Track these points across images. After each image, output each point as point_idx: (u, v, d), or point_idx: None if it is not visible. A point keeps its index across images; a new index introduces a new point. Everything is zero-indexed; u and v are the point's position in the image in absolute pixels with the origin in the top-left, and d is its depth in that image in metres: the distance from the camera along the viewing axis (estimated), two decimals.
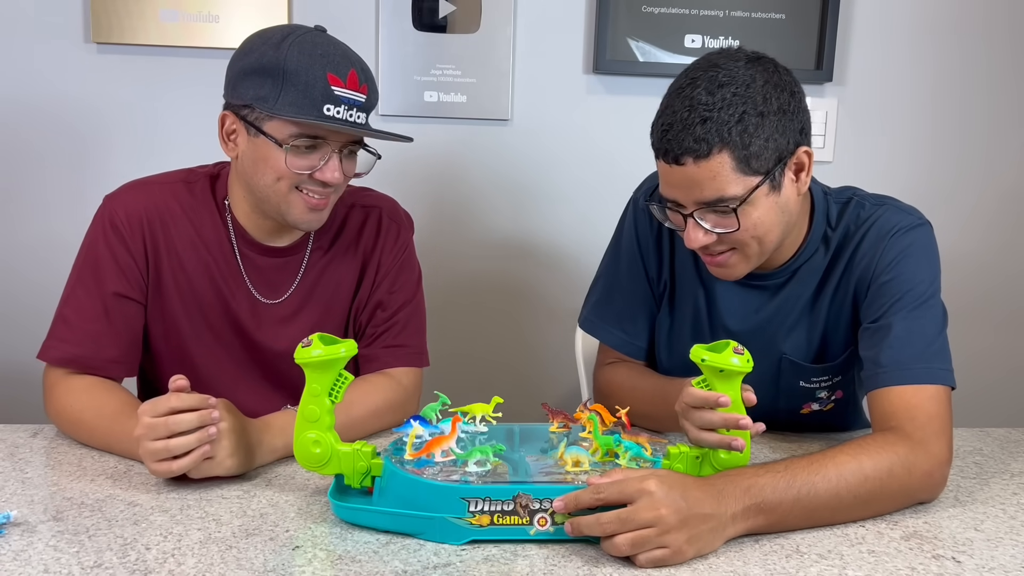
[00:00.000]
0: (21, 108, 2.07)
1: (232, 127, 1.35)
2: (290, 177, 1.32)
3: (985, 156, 2.32)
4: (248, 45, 1.34)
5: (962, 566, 1.01)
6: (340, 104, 1.30)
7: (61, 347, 1.37)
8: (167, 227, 1.41)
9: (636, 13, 2.15)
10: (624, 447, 1.10)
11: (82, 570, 0.94)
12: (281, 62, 1.29)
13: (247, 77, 1.31)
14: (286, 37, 1.31)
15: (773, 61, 1.24)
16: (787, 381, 1.41)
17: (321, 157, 1.33)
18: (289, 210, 1.36)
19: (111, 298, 1.38)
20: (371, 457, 1.10)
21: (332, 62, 1.30)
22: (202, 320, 1.44)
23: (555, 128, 2.21)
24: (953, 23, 2.26)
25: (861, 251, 1.31)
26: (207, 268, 1.43)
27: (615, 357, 1.51)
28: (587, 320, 1.54)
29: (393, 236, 1.52)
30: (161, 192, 1.43)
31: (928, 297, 1.26)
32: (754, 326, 1.39)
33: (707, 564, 0.99)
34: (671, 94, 1.22)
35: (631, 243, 1.47)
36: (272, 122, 1.30)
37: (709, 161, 1.18)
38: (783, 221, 1.26)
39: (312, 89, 1.28)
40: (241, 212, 1.43)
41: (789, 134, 1.21)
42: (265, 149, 1.32)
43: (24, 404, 2.11)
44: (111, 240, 1.39)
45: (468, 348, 2.29)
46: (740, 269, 1.30)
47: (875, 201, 1.36)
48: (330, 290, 1.49)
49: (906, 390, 1.19)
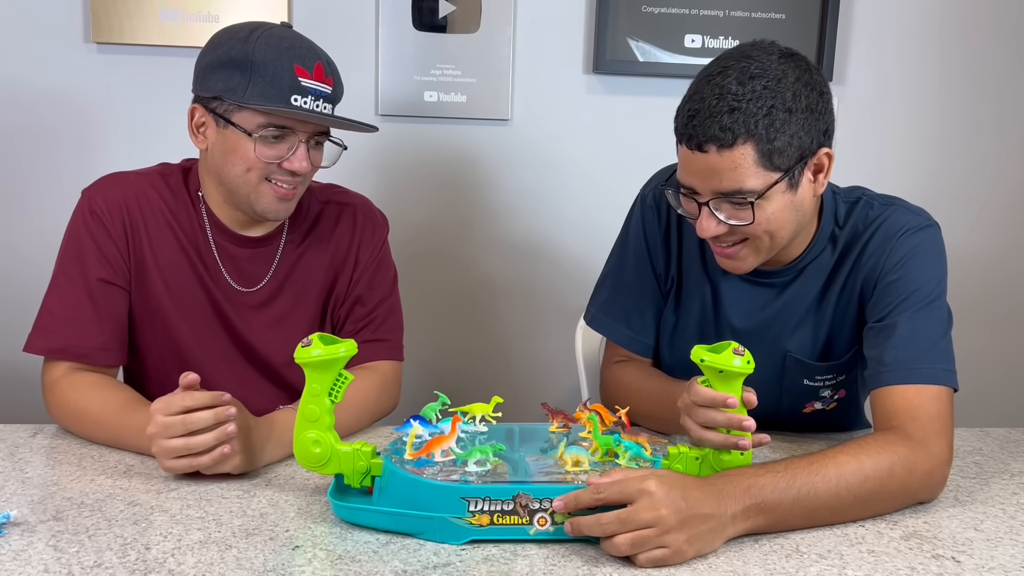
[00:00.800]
0: (21, 108, 2.08)
1: (201, 120, 1.38)
2: (259, 167, 1.35)
3: (986, 156, 2.32)
4: (216, 40, 1.37)
5: (962, 566, 1.01)
6: (307, 95, 1.33)
7: (46, 337, 1.38)
8: (145, 214, 1.43)
9: (636, 13, 2.15)
10: (624, 447, 1.10)
11: (82, 570, 0.94)
12: (249, 54, 1.32)
13: (216, 70, 1.34)
14: (253, 31, 1.34)
15: (806, 59, 1.24)
16: (791, 379, 1.41)
17: (289, 147, 1.35)
18: (258, 199, 1.38)
19: (95, 284, 1.39)
20: (371, 457, 1.10)
21: (298, 54, 1.34)
22: (184, 306, 1.45)
23: (555, 128, 2.21)
24: (953, 22, 2.26)
25: (868, 250, 1.31)
26: (186, 256, 1.45)
27: (623, 355, 1.51)
28: (595, 318, 1.54)
29: (370, 232, 1.55)
30: (138, 182, 1.45)
31: (934, 298, 1.26)
32: (759, 323, 1.39)
33: (707, 564, 0.99)
34: (700, 80, 1.22)
35: (638, 240, 1.47)
36: (241, 113, 1.33)
37: (732, 151, 1.18)
38: (796, 219, 1.26)
39: (280, 80, 1.32)
40: (214, 203, 1.45)
41: (813, 134, 1.21)
42: (234, 140, 1.35)
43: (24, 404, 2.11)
44: (92, 227, 1.41)
45: (468, 348, 2.29)
46: (749, 263, 1.30)
47: (883, 201, 1.36)
48: (303, 280, 1.51)
49: (908, 389, 1.20)
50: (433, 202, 2.23)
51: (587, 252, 2.24)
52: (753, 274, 1.36)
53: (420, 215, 2.20)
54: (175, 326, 1.45)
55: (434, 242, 2.22)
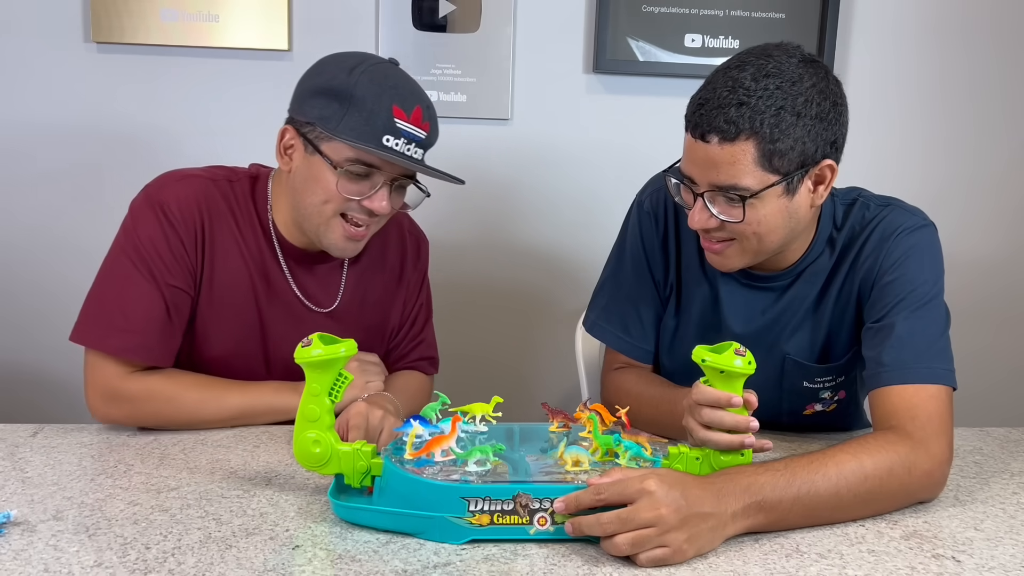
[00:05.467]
0: (21, 108, 2.08)
1: (290, 142, 1.36)
2: (338, 201, 1.33)
3: (986, 155, 2.32)
4: (321, 66, 1.36)
5: (962, 565, 1.01)
6: (400, 136, 1.31)
7: (121, 337, 1.35)
8: (214, 221, 1.41)
9: (636, 13, 2.15)
10: (624, 447, 1.09)
11: (82, 570, 0.94)
12: (350, 87, 1.30)
13: (314, 96, 1.32)
14: (360, 63, 1.32)
15: (826, 68, 1.24)
16: (791, 381, 1.41)
17: (372, 186, 1.34)
18: (327, 234, 1.37)
19: (169, 290, 1.37)
20: (371, 457, 1.10)
21: (400, 95, 1.32)
22: (237, 324, 1.44)
23: (555, 128, 2.21)
24: (953, 22, 2.26)
25: (865, 252, 1.32)
26: (248, 271, 1.43)
27: (622, 362, 1.51)
28: (594, 324, 1.53)
29: (415, 253, 1.59)
30: (207, 186, 1.42)
31: (931, 298, 1.26)
32: (759, 327, 1.39)
33: (707, 563, 0.99)
34: (717, 71, 1.23)
35: (636, 247, 1.47)
36: (331, 143, 1.31)
37: (733, 146, 1.18)
38: (788, 226, 1.26)
39: (376, 118, 1.29)
40: (282, 222, 1.44)
41: (819, 143, 1.21)
42: (319, 169, 1.33)
43: (24, 404, 2.12)
44: (167, 232, 1.37)
45: (468, 347, 2.28)
46: (735, 262, 1.30)
47: (880, 202, 1.36)
48: (364, 300, 1.52)
49: (907, 389, 1.20)
50: (432, 201, 2.22)
51: (587, 252, 2.24)
52: (752, 278, 1.36)
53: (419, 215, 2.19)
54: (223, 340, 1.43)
55: (433, 241, 2.21)
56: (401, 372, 1.59)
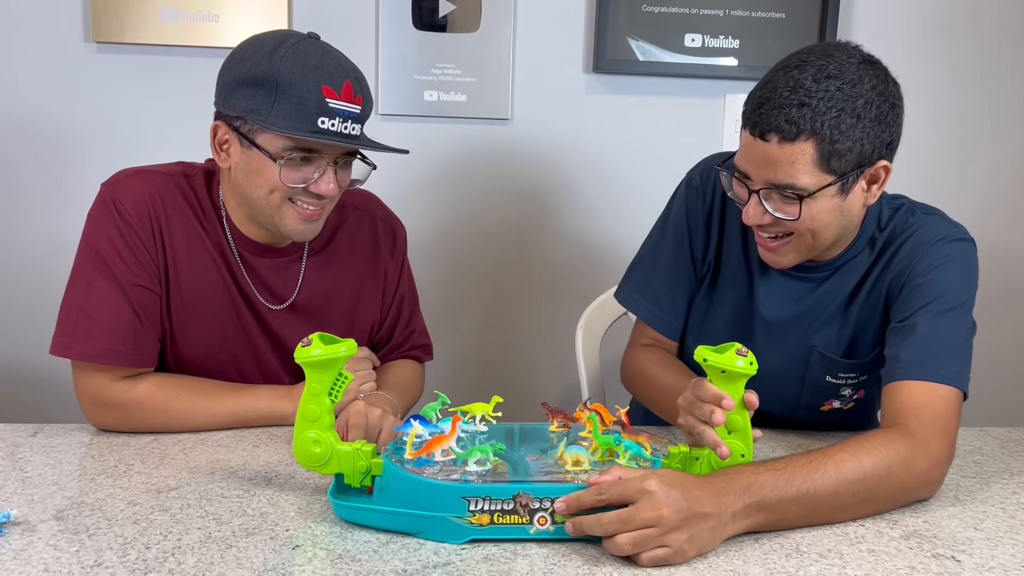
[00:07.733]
0: (21, 107, 2.07)
1: (225, 137, 1.34)
2: (283, 190, 1.32)
3: (985, 155, 2.32)
4: (240, 53, 1.32)
5: (962, 565, 1.01)
6: (335, 116, 1.28)
7: (88, 342, 1.33)
8: (171, 217, 1.39)
9: (636, 12, 2.15)
10: (624, 447, 1.10)
11: (82, 570, 0.94)
12: (275, 73, 1.26)
13: (239, 87, 1.29)
14: (279, 46, 1.28)
15: (885, 69, 1.25)
16: (814, 374, 1.41)
17: (316, 169, 1.31)
18: (283, 221, 1.35)
19: (133, 289, 1.35)
20: (371, 456, 1.10)
21: (327, 73, 1.28)
22: (211, 319, 1.43)
23: (555, 127, 2.21)
24: (953, 22, 2.26)
25: (901, 254, 1.33)
26: (215, 266, 1.41)
27: (649, 338, 1.51)
28: (627, 296, 1.53)
29: (390, 241, 1.56)
30: (163, 181, 1.40)
31: (958, 305, 1.27)
32: (790, 316, 1.40)
33: (707, 563, 0.99)
34: (777, 70, 1.23)
35: (680, 221, 1.47)
36: (265, 135, 1.29)
37: (793, 146, 1.19)
38: (841, 224, 1.27)
39: (306, 102, 1.26)
40: (236, 219, 1.42)
41: (876, 144, 1.22)
42: (258, 162, 1.31)
43: (24, 404, 2.12)
44: (123, 231, 1.35)
45: (468, 347, 2.29)
46: (789, 259, 1.31)
47: (925, 210, 1.38)
48: (330, 292, 1.50)
49: (919, 386, 1.20)
50: (432, 201, 2.23)
51: (587, 251, 2.24)
52: (793, 268, 1.36)
53: (419, 214, 2.20)
54: (199, 337, 1.42)
55: (434, 241, 2.22)
56: (395, 362, 1.58)
